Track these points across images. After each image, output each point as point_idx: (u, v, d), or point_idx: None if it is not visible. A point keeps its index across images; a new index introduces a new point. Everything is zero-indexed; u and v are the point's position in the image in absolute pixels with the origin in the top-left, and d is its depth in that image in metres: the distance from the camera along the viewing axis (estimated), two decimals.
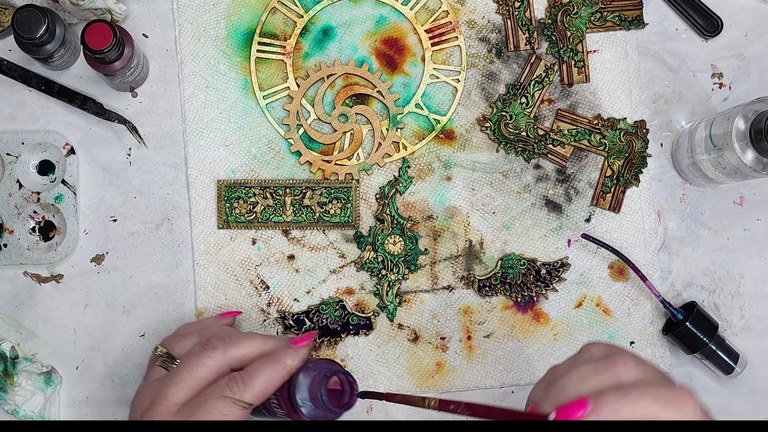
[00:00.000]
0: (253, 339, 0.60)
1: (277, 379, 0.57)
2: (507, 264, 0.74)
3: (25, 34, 0.65)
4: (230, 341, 0.59)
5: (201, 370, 0.58)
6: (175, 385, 0.57)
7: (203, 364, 0.58)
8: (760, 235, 0.75)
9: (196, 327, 0.64)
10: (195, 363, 0.58)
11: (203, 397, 0.57)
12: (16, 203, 0.73)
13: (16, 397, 0.70)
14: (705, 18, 0.76)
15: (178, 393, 0.57)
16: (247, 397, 0.56)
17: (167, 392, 0.57)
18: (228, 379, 0.57)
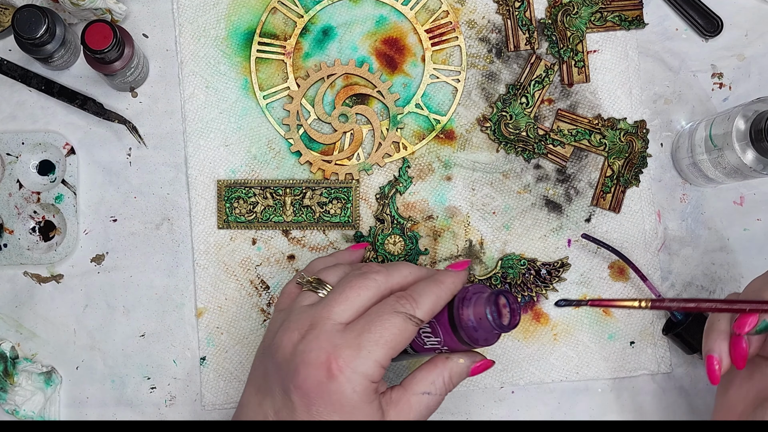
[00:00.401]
0: (411, 265, 0.60)
1: (442, 298, 0.57)
2: (507, 264, 0.74)
3: (25, 34, 0.65)
4: (390, 267, 0.59)
5: (367, 291, 0.57)
6: (339, 305, 0.56)
7: (368, 286, 0.57)
8: (760, 235, 0.75)
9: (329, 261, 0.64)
10: (360, 284, 0.57)
11: (376, 314, 0.55)
12: (16, 203, 0.73)
13: (16, 397, 0.70)
14: (705, 18, 0.76)
15: (344, 313, 0.56)
16: (419, 313, 0.56)
17: (331, 312, 0.56)
18: (397, 297, 0.56)
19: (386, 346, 0.54)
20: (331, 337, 0.55)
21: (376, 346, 0.54)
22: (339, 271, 0.61)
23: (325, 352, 0.54)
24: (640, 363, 0.74)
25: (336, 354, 0.54)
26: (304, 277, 0.61)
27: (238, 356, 0.73)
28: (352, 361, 0.54)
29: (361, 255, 0.66)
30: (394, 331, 0.55)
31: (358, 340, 0.54)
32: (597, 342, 0.74)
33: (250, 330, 0.73)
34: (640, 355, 0.74)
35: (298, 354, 0.55)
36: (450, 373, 0.58)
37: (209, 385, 0.72)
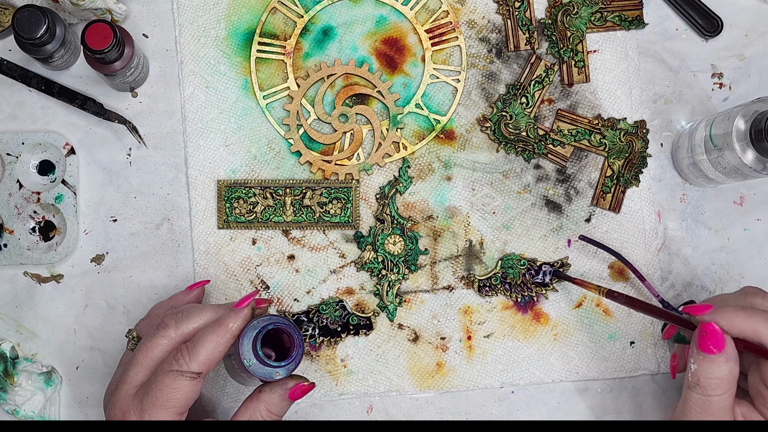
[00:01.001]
0: (204, 311, 0.60)
1: (222, 344, 0.58)
2: (507, 264, 0.74)
3: (25, 34, 0.65)
4: (182, 317, 0.60)
5: (155, 351, 0.59)
6: (133, 368, 0.59)
7: (157, 344, 0.59)
8: (760, 235, 0.75)
9: (166, 306, 0.65)
10: (149, 344, 0.59)
11: (154, 375, 0.58)
12: (16, 203, 0.73)
13: (17, 397, 0.70)
14: (705, 18, 0.76)
15: (137, 376, 0.59)
16: (194, 366, 0.57)
17: (127, 376, 0.59)
18: (175, 353, 0.58)
19: (164, 406, 0.57)
20: (123, 403, 0.58)
21: (154, 409, 0.57)
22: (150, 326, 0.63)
23: (119, 416, 0.58)
24: (640, 363, 0.74)
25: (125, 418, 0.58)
26: (131, 332, 0.64)
27: None
28: None
29: (197, 295, 0.67)
30: (168, 391, 0.57)
31: (141, 404, 0.57)
32: (597, 342, 0.74)
33: None
34: (640, 355, 0.74)
35: (106, 411, 0.60)
36: (266, 405, 0.60)
37: (209, 385, 0.72)
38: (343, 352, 0.73)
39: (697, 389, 0.57)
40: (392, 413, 0.73)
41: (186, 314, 0.60)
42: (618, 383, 0.74)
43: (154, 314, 0.65)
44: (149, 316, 0.65)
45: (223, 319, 0.59)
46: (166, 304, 0.66)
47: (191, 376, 0.57)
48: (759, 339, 0.57)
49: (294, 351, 0.58)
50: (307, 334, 0.73)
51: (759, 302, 0.61)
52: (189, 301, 0.66)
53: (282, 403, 0.60)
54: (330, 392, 0.73)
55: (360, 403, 0.73)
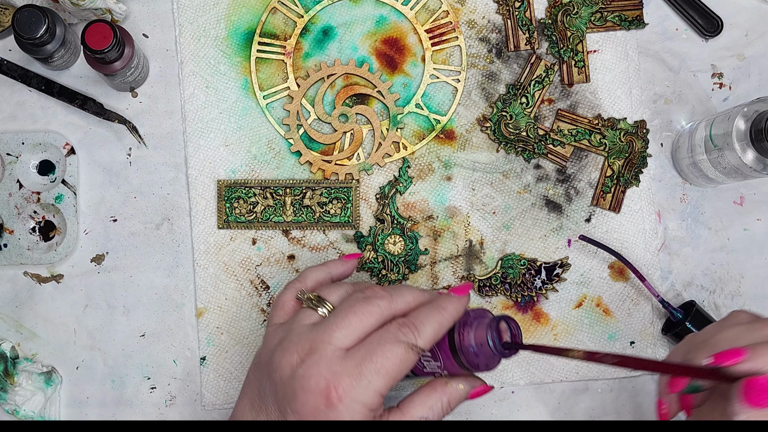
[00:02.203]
0: (414, 290, 0.59)
1: (444, 325, 0.56)
2: (507, 264, 0.74)
3: (25, 34, 0.65)
4: (393, 291, 0.58)
5: (370, 317, 0.56)
6: (341, 329, 0.55)
7: (371, 312, 0.56)
8: (760, 235, 0.75)
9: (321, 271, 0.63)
10: (364, 309, 0.56)
11: (377, 342, 0.54)
12: (16, 203, 0.73)
13: (17, 397, 0.70)
14: (705, 18, 0.76)
15: (345, 338, 0.54)
16: (421, 342, 0.55)
17: (332, 337, 0.54)
18: (399, 325, 0.55)
19: (387, 375, 0.54)
20: (332, 364, 0.53)
21: (377, 376, 0.53)
22: (341, 291, 0.59)
23: (325, 379, 0.53)
24: None
25: (336, 382, 0.53)
26: (304, 293, 0.60)
27: (238, 356, 0.73)
28: (351, 391, 0.53)
29: (353, 267, 0.65)
30: (395, 360, 0.54)
31: (358, 368, 0.53)
32: (597, 342, 0.74)
33: (250, 330, 0.73)
34: (640, 355, 0.74)
35: (297, 378, 0.54)
36: (449, 398, 0.58)
37: (209, 385, 0.72)
38: None
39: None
40: None
41: (397, 291, 0.58)
42: (618, 383, 0.74)
43: (311, 278, 0.62)
44: (305, 279, 0.62)
45: (446, 302, 0.57)
46: (322, 268, 0.63)
47: (418, 351, 0.55)
48: None
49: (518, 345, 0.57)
50: None
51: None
52: (345, 270, 0.64)
53: (461, 400, 0.58)
54: None
55: None
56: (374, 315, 0.56)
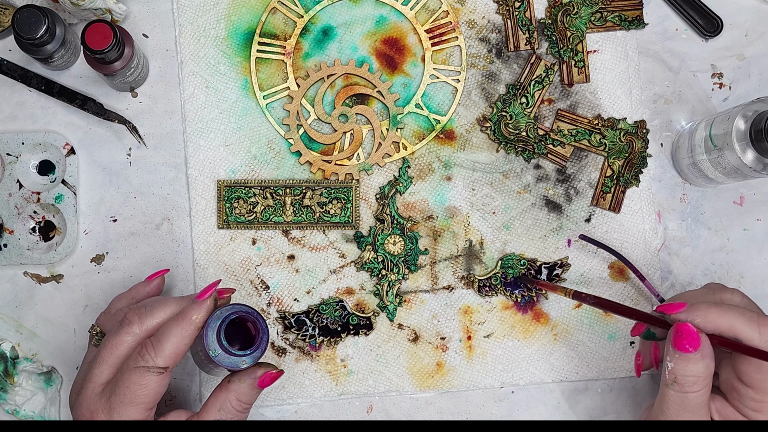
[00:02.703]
0: (167, 303, 0.60)
1: (186, 336, 0.57)
2: (507, 264, 0.74)
3: (25, 34, 0.65)
4: (145, 312, 0.59)
5: (120, 348, 0.58)
6: (98, 366, 0.58)
7: (121, 341, 0.58)
8: (760, 235, 0.75)
9: (126, 298, 0.65)
10: (114, 342, 0.58)
11: (121, 373, 0.57)
12: (16, 203, 0.73)
13: (17, 397, 0.70)
14: (705, 18, 0.76)
15: (102, 374, 0.58)
16: (160, 361, 0.57)
17: (92, 374, 0.58)
18: (140, 348, 0.57)
19: (133, 403, 0.57)
20: (90, 402, 0.58)
21: (123, 407, 0.57)
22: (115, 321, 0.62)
23: (87, 416, 0.58)
24: None
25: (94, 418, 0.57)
26: (93, 327, 0.63)
27: None
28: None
29: (159, 285, 0.67)
30: (135, 388, 0.57)
31: (108, 403, 0.57)
32: (597, 342, 0.74)
33: None
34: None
35: (73, 411, 0.59)
36: (236, 395, 0.59)
37: (209, 385, 0.72)
38: (343, 352, 0.73)
39: (674, 386, 0.58)
40: (392, 413, 0.73)
41: (149, 308, 0.60)
42: (618, 383, 0.74)
43: (115, 307, 0.64)
44: (109, 310, 0.64)
45: (186, 311, 0.58)
46: (126, 295, 0.65)
47: (158, 371, 0.57)
48: (734, 334, 0.57)
49: (258, 338, 0.58)
50: (307, 334, 0.73)
51: (728, 297, 0.62)
52: (149, 292, 0.66)
53: (252, 392, 0.60)
54: (330, 392, 0.73)
55: (360, 403, 0.73)
56: (125, 343, 0.59)
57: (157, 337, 0.58)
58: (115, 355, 0.58)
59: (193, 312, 0.58)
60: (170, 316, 0.59)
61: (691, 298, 0.63)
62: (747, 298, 0.63)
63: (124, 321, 0.59)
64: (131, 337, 0.59)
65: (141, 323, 0.59)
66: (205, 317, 0.58)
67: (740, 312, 0.58)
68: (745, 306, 0.62)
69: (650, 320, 0.61)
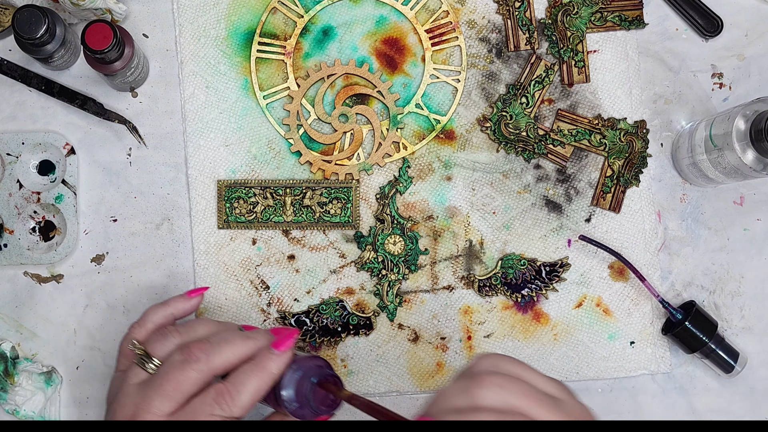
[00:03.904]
0: (235, 344, 0.58)
1: (264, 389, 0.57)
2: (507, 264, 0.74)
3: (25, 34, 0.65)
4: (212, 349, 0.57)
5: (186, 384, 0.56)
6: (160, 398, 0.56)
7: (188, 378, 0.56)
8: (760, 235, 0.75)
9: (163, 311, 0.63)
10: (179, 377, 0.56)
11: (192, 413, 0.56)
12: (16, 203, 0.73)
13: (17, 397, 0.70)
14: (705, 18, 0.76)
15: (163, 407, 0.56)
16: (237, 411, 0.56)
17: (151, 405, 0.56)
18: (215, 395, 0.56)
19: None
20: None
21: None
22: (168, 345, 0.59)
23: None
24: (640, 363, 0.74)
25: None
26: (135, 345, 0.60)
27: None
28: None
29: (197, 303, 0.65)
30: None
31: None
32: (597, 342, 0.74)
33: None
34: (640, 355, 0.74)
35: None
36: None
37: None
38: (343, 352, 0.73)
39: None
40: None
41: (215, 346, 0.58)
42: (618, 383, 0.74)
43: (150, 320, 0.62)
44: (144, 323, 0.62)
45: (265, 361, 0.57)
46: (162, 309, 0.63)
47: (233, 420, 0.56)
48: None
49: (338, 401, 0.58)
50: (307, 334, 0.73)
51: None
52: (188, 309, 0.64)
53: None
54: None
55: None
56: (191, 380, 0.57)
57: (234, 386, 0.56)
58: (180, 392, 0.56)
59: (273, 364, 0.57)
60: (240, 357, 0.58)
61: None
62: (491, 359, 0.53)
63: (191, 356, 0.57)
64: (198, 374, 0.56)
65: (208, 361, 0.57)
66: (284, 370, 0.57)
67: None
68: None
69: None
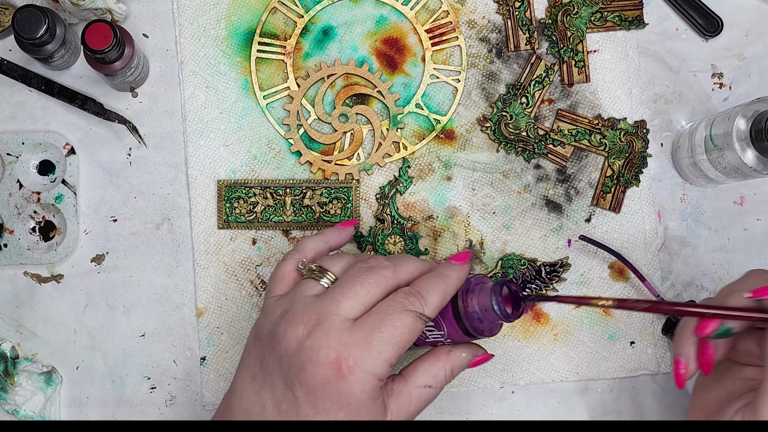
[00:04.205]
0: (416, 260, 0.59)
1: (448, 293, 0.57)
2: (507, 264, 0.74)
3: (25, 34, 0.65)
4: (397, 261, 0.58)
5: (375, 287, 0.55)
6: (348, 300, 0.55)
7: (376, 282, 0.56)
8: (760, 235, 0.75)
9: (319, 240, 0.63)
10: (369, 279, 0.56)
11: (385, 312, 0.54)
12: (16, 203, 0.73)
13: (17, 397, 0.70)
14: (705, 18, 0.76)
15: (352, 309, 0.54)
16: (428, 310, 0.55)
17: (339, 307, 0.54)
18: (406, 294, 0.55)
19: (397, 345, 0.54)
20: (341, 335, 0.53)
21: (387, 346, 0.53)
22: (343, 261, 0.59)
23: (335, 350, 0.53)
24: (640, 363, 0.74)
25: (346, 353, 0.53)
26: (305, 264, 0.60)
27: (239, 356, 0.73)
28: (362, 362, 0.53)
29: (350, 234, 0.65)
30: (404, 330, 0.54)
31: (368, 339, 0.53)
32: (597, 342, 0.74)
33: (250, 330, 0.73)
34: (640, 355, 0.74)
35: (305, 351, 0.53)
36: (452, 366, 0.58)
37: (209, 385, 0.72)
38: None
39: None
40: None
41: (400, 261, 0.58)
42: (618, 383, 0.74)
43: (308, 247, 0.62)
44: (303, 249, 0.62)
45: (448, 270, 0.57)
46: (318, 238, 0.63)
47: (425, 319, 0.55)
48: None
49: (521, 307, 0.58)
50: None
51: None
52: (343, 239, 0.64)
53: (464, 368, 0.59)
54: None
55: None
56: (380, 285, 0.56)
57: (421, 287, 0.56)
58: (371, 294, 0.55)
59: (454, 274, 0.57)
60: (420, 272, 0.58)
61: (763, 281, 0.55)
62: None
63: (379, 264, 0.57)
64: (384, 279, 0.56)
65: (395, 270, 0.57)
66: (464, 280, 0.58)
67: None
68: None
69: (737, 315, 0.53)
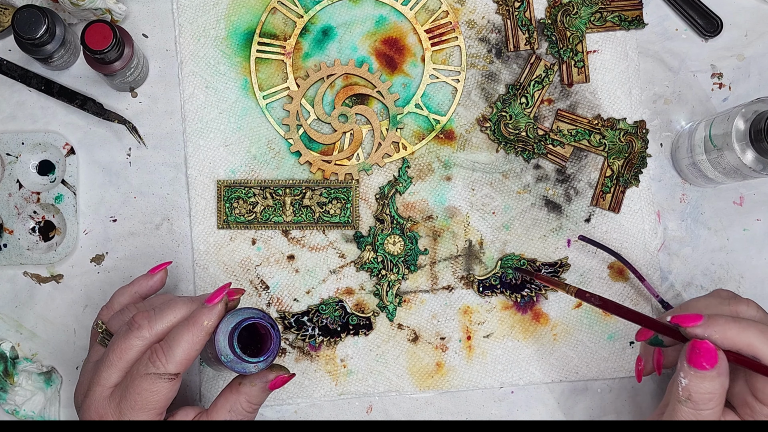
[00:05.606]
0: (177, 306, 0.59)
1: (197, 342, 0.57)
2: (507, 264, 0.74)
3: (25, 34, 0.66)
4: (155, 316, 0.58)
5: (129, 352, 0.58)
6: (107, 369, 0.58)
7: (131, 346, 0.58)
8: (760, 235, 0.75)
9: (129, 291, 0.64)
10: (123, 346, 0.58)
11: (131, 378, 0.57)
12: (16, 203, 0.73)
13: (17, 397, 0.70)
14: (705, 18, 0.76)
15: (110, 377, 0.58)
16: (171, 368, 0.56)
17: (100, 377, 0.58)
18: (149, 354, 0.57)
19: (144, 409, 0.56)
20: (98, 406, 0.57)
21: (134, 412, 0.56)
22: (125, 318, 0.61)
23: (96, 419, 0.57)
24: None
25: None
26: (100, 326, 0.62)
27: None
28: None
29: (162, 279, 0.65)
30: (146, 395, 0.56)
31: (118, 408, 0.57)
32: (597, 342, 0.74)
33: None
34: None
35: (80, 413, 0.59)
36: (247, 397, 0.59)
37: (209, 385, 0.72)
38: (342, 352, 0.73)
39: (687, 404, 0.56)
40: (392, 413, 0.73)
41: (158, 311, 0.59)
42: (618, 383, 0.74)
43: (117, 302, 0.63)
44: (111, 304, 0.63)
45: (197, 316, 0.57)
46: (128, 289, 0.64)
47: (169, 377, 0.56)
48: (752, 352, 0.55)
49: (271, 344, 0.57)
50: (306, 334, 0.73)
51: (744, 310, 0.60)
52: (152, 285, 0.65)
53: (262, 394, 0.60)
54: (330, 392, 0.73)
55: (360, 403, 0.73)
56: (134, 348, 0.58)
57: (167, 342, 0.57)
58: (124, 360, 0.58)
59: (204, 317, 0.57)
60: (180, 319, 0.58)
61: (704, 309, 0.61)
62: (762, 311, 0.60)
63: (133, 325, 0.58)
64: (140, 341, 0.58)
65: (150, 327, 0.58)
66: (216, 322, 0.57)
67: (760, 329, 0.55)
68: (762, 320, 0.59)
69: (661, 329, 0.58)
